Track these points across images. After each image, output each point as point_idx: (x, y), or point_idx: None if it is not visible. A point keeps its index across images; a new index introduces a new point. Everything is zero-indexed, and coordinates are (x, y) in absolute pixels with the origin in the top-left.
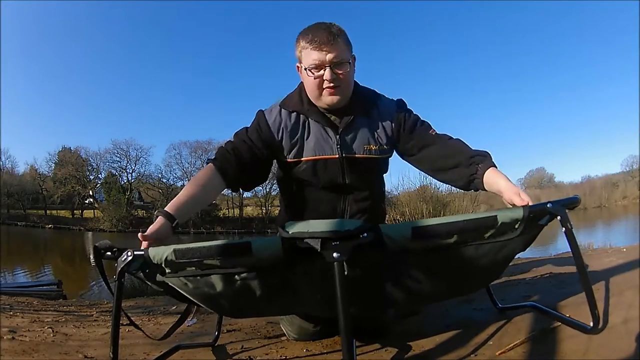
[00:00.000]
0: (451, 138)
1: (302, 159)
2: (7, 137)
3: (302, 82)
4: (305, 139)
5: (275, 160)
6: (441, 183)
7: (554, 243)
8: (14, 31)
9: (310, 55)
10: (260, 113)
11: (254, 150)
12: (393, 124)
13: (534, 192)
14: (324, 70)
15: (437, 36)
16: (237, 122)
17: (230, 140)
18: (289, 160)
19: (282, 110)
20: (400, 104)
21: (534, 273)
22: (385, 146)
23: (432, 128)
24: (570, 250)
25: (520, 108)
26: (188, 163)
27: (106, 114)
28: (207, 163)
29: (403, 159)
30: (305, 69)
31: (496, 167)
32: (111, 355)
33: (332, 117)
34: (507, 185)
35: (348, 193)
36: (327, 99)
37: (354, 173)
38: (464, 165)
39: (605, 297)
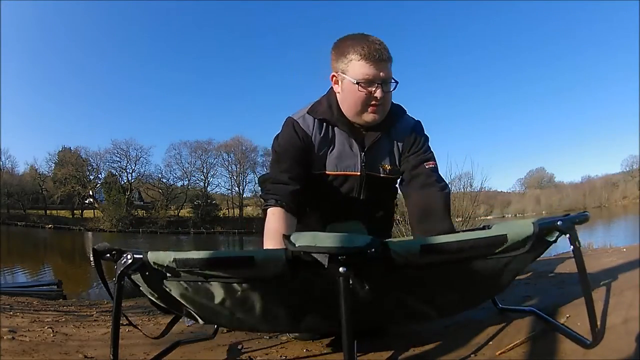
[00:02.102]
0: (436, 188)
1: (325, 172)
2: (7, 137)
3: (331, 92)
4: (329, 151)
5: None
6: None
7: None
8: (14, 31)
9: (362, 69)
10: (294, 123)
11: (300, 171)
12: (403, 145)
13: (534, 192)
14: (375, 88)
15: (436, 35)
16: (237, 122)
17: (276, 170)
18: (312, 171)
19: (314, 120)
20: (417, 126)
21: (534, 273)
22: (397, 166)
23: (431, 160)
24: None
25: (521, 108)
26: (188, 163)
27: (106, 114)
28: (267, 206)
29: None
30: (356, 83)
31: None
32: (111, 357)
33: (362, 131)
34: None
35: (361, 206)
36: (369, 117)
37: (371, 190)
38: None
39: (605, 297)
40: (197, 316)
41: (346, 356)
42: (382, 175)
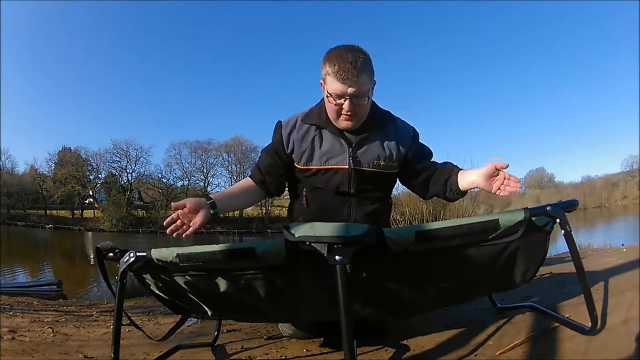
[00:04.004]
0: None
1: (312, 166)
2: (7, 137)
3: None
4: (317, 147)
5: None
6: None
7: (554, 243)
8: (15, 31)
9: (333, 84)
10: (278, 125)
11: (277, 161)
12: (406, 148)
13: (534, 192)
14: (344, 101)
15: (436, 34)
16: (237, 122)
17: (259, 159)
18: (298, 167)
19: (299, 121)
20: (416, 133)
21: None
22: (393, 162)
23: (431, 157)
24: (569, 251)
25: (521, 108)
26: (188, 163)
27: (106, 114)
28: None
29: (399, 179)
30: (328, 95)
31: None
32: (112, 355)
33: (348, 135)
34: (479, 171)
35: (354, 201)
36: (343, 124)
37: (361, 183)
38: (439, 176)
39: (604, 297)
40: (204, 306)
41: (346, 356)
42: (372, 169)
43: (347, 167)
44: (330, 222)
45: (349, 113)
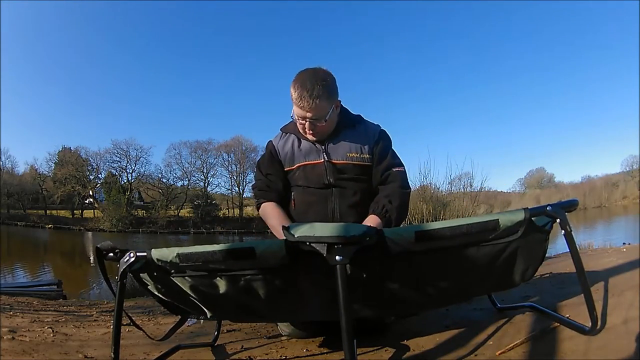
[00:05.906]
0: (396, 185)
1: (294, 165)
2: (7, 137)
3: None
4: (296, 149)
5: None
6: (441, 183)
7: (553, 243)
8: (14, 31)
9: (295, 108)
10: (269, 142)
11: (276, 174)
12: (374, 143)
13: (534, 192)
14: (305, 122)
15: (436, 36)
16: (237, 122)
17: (258, 176)
18: (286, 168)
19: (281, 133)
20: (383, 131)
21: None
22: (365, 155)
23: (399, 166)
24: (569, 251)
25: (520, 108)
26: (188, 163)
27: (106, 114)
28: (260, 203)
29: None
30: (293, 114)
31: (382, 219)
32: (112, 355)
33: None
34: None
35: (336, 193)
36: (310, 137)
37: (337, 174)
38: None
39: (604, 298)
40: (204, 308)
41: (346, 356)
42: (345, 161)
43: (322, 160)
44: (316, 215)
45: (310, 132)
